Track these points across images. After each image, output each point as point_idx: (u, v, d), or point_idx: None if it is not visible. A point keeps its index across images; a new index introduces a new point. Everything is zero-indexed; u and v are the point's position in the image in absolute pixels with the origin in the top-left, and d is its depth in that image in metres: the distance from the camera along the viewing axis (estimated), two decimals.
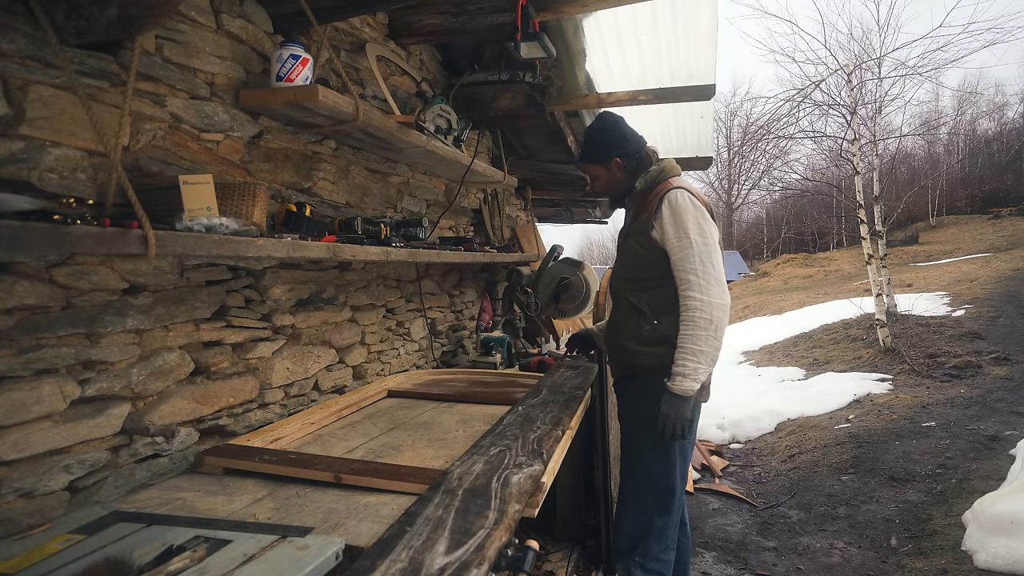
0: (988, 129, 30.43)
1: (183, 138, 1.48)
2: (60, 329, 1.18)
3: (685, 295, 1.67)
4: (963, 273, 12.32)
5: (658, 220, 1.72)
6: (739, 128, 27.45)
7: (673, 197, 1.71)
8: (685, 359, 1.65)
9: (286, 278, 1.85)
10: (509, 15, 2.16)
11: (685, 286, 1.67)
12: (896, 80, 8.18)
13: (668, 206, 1.71)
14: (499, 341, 2.85)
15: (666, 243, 1.72)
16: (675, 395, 1.66)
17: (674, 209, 1.70)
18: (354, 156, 2.24)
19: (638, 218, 1.83)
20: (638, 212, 1.85)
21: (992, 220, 22.48)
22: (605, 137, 1.90)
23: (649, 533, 1.78)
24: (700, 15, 2.48)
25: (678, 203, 1.70)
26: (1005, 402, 4.68)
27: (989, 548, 2.51)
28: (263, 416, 1.75)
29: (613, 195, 1.97)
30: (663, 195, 1.73)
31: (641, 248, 1.78)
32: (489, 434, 1.48)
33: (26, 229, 0.92)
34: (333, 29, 2.09)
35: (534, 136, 3.90)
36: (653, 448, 1.78)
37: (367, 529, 1.07)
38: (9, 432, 1.09)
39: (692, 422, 1.75)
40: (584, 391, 1.99)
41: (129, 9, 1.07)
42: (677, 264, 1.69)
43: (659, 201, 1.73)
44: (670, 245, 1.71)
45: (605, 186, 1.95)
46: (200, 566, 0.89)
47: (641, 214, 1.82)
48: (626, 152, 1.88)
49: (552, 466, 1.38)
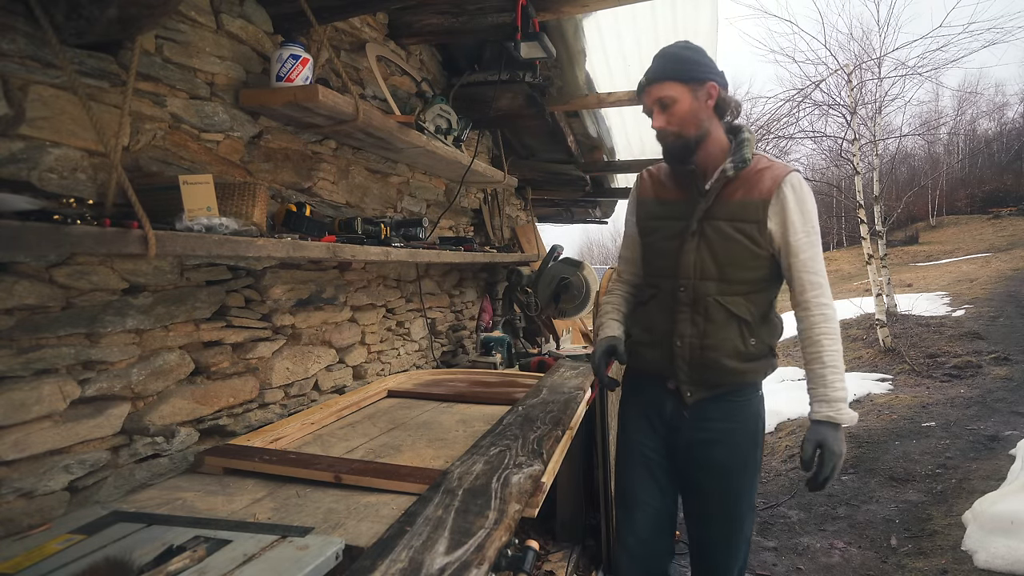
0: (988, 129, 30.44)
1: (183, 138, 1.48)
2: (60, 329, 1.18)
3: (819, 302, 1.44)
4: (963, 273, 12.32)
5: (779, 208, 1.42)
6: None
7: (797, 182, 1.44)
8: (836, 380, 1.40)
9: (286, 278, 1.85)
10: (509, 15, 2.16)
11: (817, 291, 1.44)
12: (896, 80, 8.19)
13: (792, 193, 1.42)
14: (499, 341, 2.85)
15: (788, 237, 1.43)
16: (838, 427, 1.39)
17: (800, 197, 1.43)
18: (354, 156, 2.24)
19: (739, 198, 1.45)
20: (735, 191, 1.46)
21: (992, 220, 22.48)
22: (699, 56, 1.46)
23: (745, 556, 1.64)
24: (700, 15, 2.49)
25: (803, 191, 1.43)
26: (1005, 402, 4.68)
27: (989, 548, 2.51)
28: (263, 416, 1.75)
29: (680, 142, 1.48)
30: (783, 178, 1.43)
31: (750, 240, 1.45)
32: (489, 434, 1.48)
33: (26, 229, 0.92)
34: (333, 29, 2.09)
35: (534, 136, 3.90)
36: (755, 475, 1.58)
37: (367, 529, 1.07)
38: (9, 432, 1.09)
39: None
40: (584, 391, 1.99)
41: (129, 9, 1.07)
42: (805, 264, 1.44)
43: (779, 185, 1.43)
44: (796, 241, 1.43)
45: (682, 118, 1.45)
46: (200, 566, 0.89)
47: (750, 194, 1.45)
48: (724, 83, 1.48)
49: (552, 466, 1.39)
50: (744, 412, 1.55)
